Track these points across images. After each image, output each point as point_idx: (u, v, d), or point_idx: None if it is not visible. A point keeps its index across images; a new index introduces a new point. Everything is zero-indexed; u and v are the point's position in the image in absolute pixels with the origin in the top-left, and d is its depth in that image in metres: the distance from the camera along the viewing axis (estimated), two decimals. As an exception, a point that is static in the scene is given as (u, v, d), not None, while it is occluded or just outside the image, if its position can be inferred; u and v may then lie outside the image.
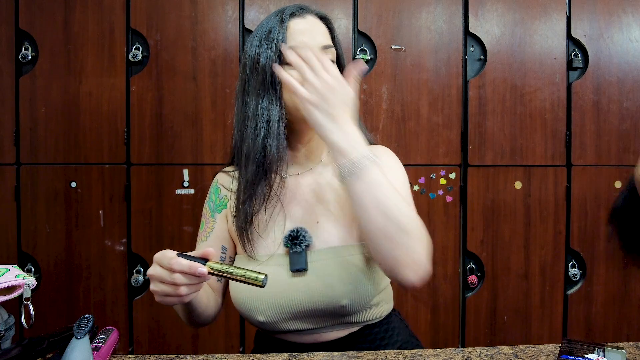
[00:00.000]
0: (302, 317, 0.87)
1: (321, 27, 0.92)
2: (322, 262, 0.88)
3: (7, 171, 1.77)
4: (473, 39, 1.84)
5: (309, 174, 0.97)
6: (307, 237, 0.89)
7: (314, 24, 0.91)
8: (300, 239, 0.89)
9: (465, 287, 1.86)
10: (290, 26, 0.89)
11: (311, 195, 0.95)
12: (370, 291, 0.88)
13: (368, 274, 0.88)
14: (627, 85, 1.85)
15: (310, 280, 0.87)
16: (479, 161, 1.83)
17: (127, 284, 1.79)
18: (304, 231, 0.89)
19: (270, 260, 0.90)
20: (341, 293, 0.86)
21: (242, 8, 1.78)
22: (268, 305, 0.86)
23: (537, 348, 0.76)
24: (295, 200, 0.95)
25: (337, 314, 0.88)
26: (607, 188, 1.85)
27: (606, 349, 0.69)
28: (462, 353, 0.75)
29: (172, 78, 1.77)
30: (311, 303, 0.86)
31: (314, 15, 0.93)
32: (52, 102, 1.77)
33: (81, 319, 0.70)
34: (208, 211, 1.00)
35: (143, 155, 1.77)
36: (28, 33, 1.76)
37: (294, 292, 0.86)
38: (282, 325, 0.88)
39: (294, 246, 0.88)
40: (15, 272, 0.77)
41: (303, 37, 0.88)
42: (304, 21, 0.90)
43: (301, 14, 0.91)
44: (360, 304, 0.88)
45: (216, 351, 1.78)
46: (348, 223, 0.92)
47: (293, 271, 0.87)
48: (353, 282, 0.87)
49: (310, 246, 0.89)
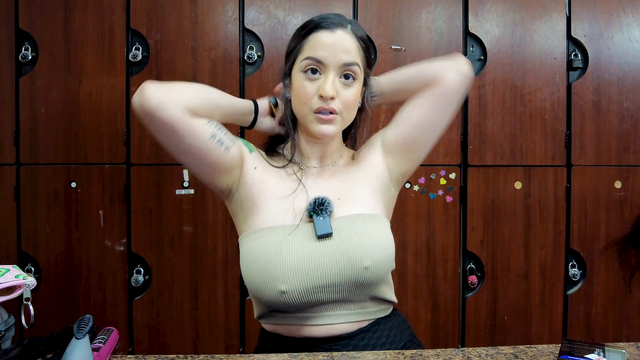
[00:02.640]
0: (324, 286, 0.88)
1: (350, 44, 0.93)
2: (346, 226, 0.92)
3: (7, 171, 1.77)
4: (473, 39, 1.84)
5: (326, 169, 1.03)
6: (331, 205, 0.93)
7: (341, 39, 0.93)
8: (326, 205, 0.92)
9: (465, 287, 1.86)
10: (316, 37, 0.93)
11: (330, 181, 1.00)
12: (390, 257, 0.94)
13: (388, 239, 0.94)
14: (627, 85, 1.85)
15: (335, 244, 0.90)
16: (479, 161, 1.83)
17: (127, 284, 1.79)
18: (327, 200, 0.93)
19: (297, 230, 0.92)
20: (365, 253, 0.89)
21: (242, 8, 1.78)
22: (293, 272, 0.87)
23: (537, 348, 0.76)
24: (315, 183, 0.99)
25: (358, 280, 0.89)
26: (607, 188, 1.85)
27: (606, 349, 0.69)
28: (462, 353, 0.75)
29: (172, 78, 1.77)
30: (336, 266, 0.88)
31: (347, 30, 0.94)
32: (52, 102, 1.77)
33: (81, 319, 0.70)
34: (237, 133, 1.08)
35: (143, 155, 1.77)
36: (28, 33, 1.76)
37: (320, 257, 0.88)
38: (303, 296, 0.88)
39: (319, 212, 0.92)
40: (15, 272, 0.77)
41: (324, 51, 0.92)
42: (331, 35, 0.93)
43: (331, 27, 0.93)
44: (381, 268, 0.91)
45: (216, 351, 1.78)
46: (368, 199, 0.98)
47: (319, 236, 0.90)
48: (376, 244, 0.91)
49: (333, 214, 0.93)
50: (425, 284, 1.83)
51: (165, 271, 1.78)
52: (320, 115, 0.93)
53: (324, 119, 0.93)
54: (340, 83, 0.94)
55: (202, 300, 1.78)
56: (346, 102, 0.94)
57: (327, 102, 0.92)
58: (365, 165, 1.03)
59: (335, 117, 0.94)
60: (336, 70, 0.93)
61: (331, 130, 0.94)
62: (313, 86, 0.93)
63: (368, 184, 1.00)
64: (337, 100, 0.93)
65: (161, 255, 1.78)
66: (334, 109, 0.93)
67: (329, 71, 0.92)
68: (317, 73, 0.93)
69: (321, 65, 0.93)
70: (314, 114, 0.93)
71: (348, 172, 1.02)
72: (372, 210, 0.97)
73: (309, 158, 1.03)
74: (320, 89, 0.92)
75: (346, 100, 0.94)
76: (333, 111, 0.93)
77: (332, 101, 0.93)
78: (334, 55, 0.92)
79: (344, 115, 0.95)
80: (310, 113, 0.94)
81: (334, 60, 0.92)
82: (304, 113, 0.95)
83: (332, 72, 0.92)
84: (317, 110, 0.93)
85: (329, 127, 0.94)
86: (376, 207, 0.99)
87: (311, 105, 0.93)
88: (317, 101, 0.93)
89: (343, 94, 0.94)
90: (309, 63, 0.93)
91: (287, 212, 0.94)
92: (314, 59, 0.92)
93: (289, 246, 0.89)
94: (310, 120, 0.94)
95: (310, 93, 0.93)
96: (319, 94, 0.92)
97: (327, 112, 0.93)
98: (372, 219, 0.95)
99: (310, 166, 1.02)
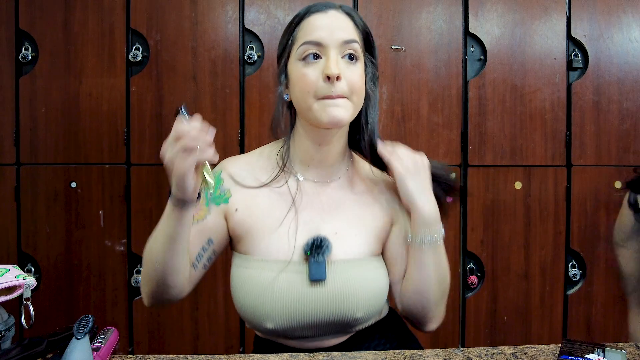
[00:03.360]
0: (312, 326, 0.86)
1: (344, 22, 0.88)
2: (342, 273, 0.86)
3: (7, 171, 1.77)
4: (473, 39, 1.84)
5: (327, 185, 0.94)
6: (329, 247, 0.86)
7: (335, 18, 0.87)
8: (324, 248, 0.86)
9: (465, 287, 1.86)
10: (309, 22, 0.87)
11: (329, 204, 0.92)
12: (383, 303, 0.91)
13: (384, 288, 0.91)
14: (627, 85, 1.85)
15: (328, 291, 0.85)
16: (479, 161, 1.83)
17: (127, 284, 1.79)
18: (327, 241, 0.86)
19: (289, 267, 0.86)
20: (358, 306, 0.86)
21: (242, 8, 1.78)
22: (281, 313, 0.84)
23: (537, 348, 0.76)
24: (311, 206, 0.91)
25: (348, 324, 0.87)
26: (607, 188, 1.85)
27: (606, 349, 0.69)
28: (462, 353, 0.75)
29: (172, 78, 1.77)
30: (326, 314, 0.85)
31: (339, 10, 0.89)
32: (52, 102, 1.77)
33: (81, 319, 0.70)
34: (202, 198, 0.93)
35: (143, 155, 1.77)
36: (28, 33, 1.76)
37: (311, 302, 0.85)
38: (290, 332, 0.87)
39: (316, 255, 0.85)
40: (15, 272, 0.77)
41: (321, 32, 0.85)
42: (325, 16, 0.87)
43: (323, 9, 0.88)
44: (373, 315, 0.90)
45: (216, 351, 1.78)
46: (368, 237, 0.92)
47: (312, 280, 0.85)
48: (370, 295, 0.87)
49: (330, 256, 0.87)
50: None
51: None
52: (328, 100, 0.84)
53: (333, 101, 0.83)
54: (344, 62, 0.86)
55: (202, 301, 1.78)
56: (353, 84, 0.85)
57: (334, 86, 0.83)
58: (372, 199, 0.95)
59: (345, 101, 0.85)
60: (337, 48, 0.85)
61: (342, 115, 0.84)
62: (315, 71, 0.84)
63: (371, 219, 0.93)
64: (344, 82, 0.84)
65: (161, 255, 1.78)
66: (341, 93, 0.84)
67: (329, 51, 0.85)
68: (317, 57, 0.85)
69: (320, 48, 0.85)
70: (321, 101, 0.84)
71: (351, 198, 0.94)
72: (371, 250, 0.91)
73: (308, 166, 0.93)
74: (324, 68, 0.83)
75: (353, 81, 0.85)
76: (341, 96, 0.84)
77: (339, 83, 0.83)
78: (331, 34, 0.85)
79: (353, 100, 0.86)
80: (316, 101, 0.84)
81: (333, 39, 0.85)
82: (308, 104, 0.85)
83: (332, 50, 0.84)
84: (323, 98, 0.84)
85: (340, 110, 0.84)
86: (375, 245, 0.93)
87: (316, 91, 0.84)
88: (322, 87, 0.83)
89: (348, 75, 0.85)
90: (307, 48, 0.85)
91: (282, 243, 0.88)
92: (312, 42, 0.85)
93: (279, 286, 0.84)
94: (316, 109, 0.84)
95: (312, 79, 0.84)
96: (324, 74, 0.83)
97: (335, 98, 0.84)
98: (370, 262, 0.90)
99: (308, 179, 0.93)
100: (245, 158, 0.98)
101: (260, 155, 0.97)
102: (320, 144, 0.91)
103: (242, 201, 0.91)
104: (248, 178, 0.93)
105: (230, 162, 0.96)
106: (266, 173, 0.93)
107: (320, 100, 0.84)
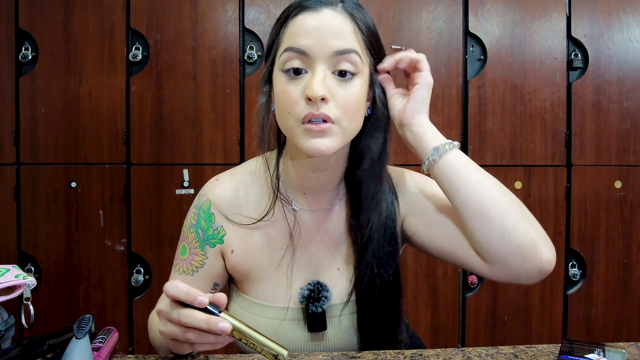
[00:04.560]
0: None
1: (341, 26, 0.70)
2: (343, 317, 0.79)
3: (7, 171, 1.77)
4: (473, 39, 1.84)
5: (327, 212, 0.82)
6: (328, 296, 0.78)
7: (328, 20, 0.69)
8: (322, 300, 0.77)
9: (465, 287, 1.86)
10: (296, 22, 0.71)
11: (330, 234, 0.82)
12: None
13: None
14: (627, 85, 1.85)
15: (329, 337, 0.79)
16: (479, 161, 1.81)
17: (127, 284, 1.79)
18: (325, 290, 0.78)
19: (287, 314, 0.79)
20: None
21: (242, 8, 1.78)
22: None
23: (537, 348, 0.76)
24: (310, 241, 0.82)
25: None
26: (607, 188, 1.85)
27: (606, 349, 0.69)
28: (462, 353, 0.75)
29: (172, 78, 1.77)
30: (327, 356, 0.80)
31: (336, 8, 0.71)
32: (52, 102, 1.76)
33: (81, 319, 0.70)
34: (194, 239, 0.82)
35: (143, 155, 1.77)
36: (28, 33, 1.76)
37: (310, 346, 0.80)
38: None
39: (312, 306, 0.77)
40: (15, 272, 0.77)
41: (307, 38, 0.69)
42: (316, 16, 0.70)
43: (315, 6, 0.70)
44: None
45: (216, 351, 1.77)
46: None
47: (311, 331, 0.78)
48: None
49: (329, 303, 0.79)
50: (425, 283, 1.83)
51: (165, 271, 1.78)
52: (309, 125, 0.68)
53: (315, 129, 0.68)
54: (335, 80, 0.70)
55: (202, 300, 1.78)
56: (344, 106, 0.70)
57: (318, 106, 0.68)
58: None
59: (331, 127, 0.69)
60: (326, 62, 0.69)
61: (326, 146, 0.69)
62: (297, 88, 0.70)
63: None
64: (332, 104, 0.69)
65: (161, 255, 1.78)
66: (328, 115, 0.68)
67: (316, 64, 0.69)
68: (301, 72, 0.70)
69: (305, 58, 0.69)
70: (302, 126, 0.69)
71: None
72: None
73: (304, 194, 0.80)
74: (306, 87, 0.68)
75: (344, 102, 0.69)
76: (326, 119, 0.68)
77: (324, 104, 0.68)
78: (320, 41, 0.68)
79: (343, 124, 0.70)
80: (298, 125, 0.70)
81: (322, 49, 0.68)
82: (290, 126, 0.71)
83: (320, 65, 0.69)
84: (305, 120, 0.69)
85: (324, 141, 0.69)
86: None
87: (297, 113, 0.69)
88: (304, 107, 0.69)
89: (339, 95, 0.69)
90: (289, 57, 0.70)
91: (279, 288, 0.80)
92: (295, 49, 0.69)
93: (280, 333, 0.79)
94: (297, 134, 0.70)
95: (294, 98, 0.69)
96: (305, 95, 0.68)
97: (318, 120, 0.68)
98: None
99: (305, 209, 0.81)
100: (232, 182, 0.83)
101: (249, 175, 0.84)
102: (314, 170, 0.78)
103: (238, 241, 0.81)
104: (239, 213, 0.81)
105: (217, 191, 0.83)
106: (257, 201, 0.81)
107: (302, 125, 0.69)
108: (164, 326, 0.65)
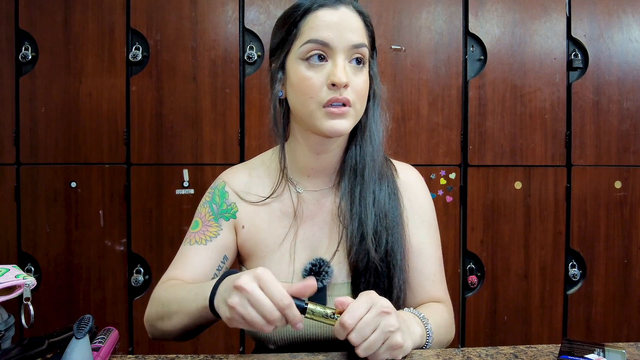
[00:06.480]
0: (315, 346, 0.84)
1: (355, 23, 0.80)
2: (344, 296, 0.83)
3: (7, 171, 1.77)
4: (473, 39, 1.84)
5: (329, 191, 0.89)
6: (329, 272, 0.83)
7: (346, 17, 0.79)
8: (323, 274, 0.82)
9: (465, 287, 1.86)
10: (317, 16, 0.79)
11: (333, 214, 0.88)
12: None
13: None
14: (627, 85, 1.85)
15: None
16: (479, 161, 1.83)
17: (127, 284, 1.79)
18: (326, 265, 0.83)
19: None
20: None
21: (242, 8, 1.78)
22: (282, 337, 0.83)
23: (537, 348, 0.76)
24: (312, 220, 0.88)
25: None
26: (607, 188, 1.85)
27: (606, 349, 0.69)
28: (462, 353, 0.75)
29: (172, 78, 1.77)
30: (329, 335, 0.82)
31: (350, 7, 0.81)
32: (52, 102, 1.76)
33: (81, 319, 0.70)
34: (209, 212, 0.89)
35: (143, 155, 1.77)
36: (28, 33, 1.76)
37: (312, 327, 0.82)
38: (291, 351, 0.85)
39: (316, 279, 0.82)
40: (15, 272, 0.77)
41: (329, 31, 0.77)
42: (335, 13, 0.79)
43: (333, 4, 0.79)
44: None
45: (216, 351, 1.78)
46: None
47: None
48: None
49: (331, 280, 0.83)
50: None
51: (165, 271, 1.78)
52: (331, 108, 0.77)
53: (337, 112, 0.78)
54: (351, 68, 0.79)
55: (202, 300, 1.78)
56: (359, 92, 0.80)
57: (341, 92, 0.77)
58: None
59: (349, 110, 0.79)
60: (345, 53, 0.78)
61: (344, 126, 0.79)
62: (320, 75, 0.78)
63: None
64: (350, 89, 0.78)
65: (161, 255, 1.78)
66: (348, 99, 0.78)
67: (337, 55, 0.78)
68: (323, 60, 0.79)
69: (327, 49, 0.78)
70: (324, 109, 0.78)
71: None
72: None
73: (307, 176, 0.89)
74: (331, 75, 0.77)
75: (359, 89, 0.80)
76: (347, 102, 0.78)
77: (345, 90, 0.78)
78: (340, 35, 0.78)
79: (357, 107, 0.81)
80: (319, 108, 0.78)
81: (342, 42, 0.78)
82: (310, 110, 0.79)
83: (340, 55, 0.78)
84: (327, 104, 0.78)
85: (342, 122, 0.79)
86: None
87: (320, 98, 0.78)
88: (327, 92, 0.78)
89: (355, 82, 0.79)
90: (312, 47, 0.78)
91: (282, 264, 0.85)
92: (319, 41, 0.78)
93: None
94: (318, 116, 0.79)
95: (317, 84, 0.78)
96: (329, 81, 0.77)
97: (339, 104, 0.78)
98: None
99: (308, 189, 0.89)
100: (245, 169, 0.94)
101: (262, 165, 0.93)
102: (319, 152, 0.86)
103: (248, 218, 0.89)
104: (250, 192, 0.90)
105: (232, 174, 0.93)
106: (266, 185, 0.90)
107: (324, 109, 0.78)
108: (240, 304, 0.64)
